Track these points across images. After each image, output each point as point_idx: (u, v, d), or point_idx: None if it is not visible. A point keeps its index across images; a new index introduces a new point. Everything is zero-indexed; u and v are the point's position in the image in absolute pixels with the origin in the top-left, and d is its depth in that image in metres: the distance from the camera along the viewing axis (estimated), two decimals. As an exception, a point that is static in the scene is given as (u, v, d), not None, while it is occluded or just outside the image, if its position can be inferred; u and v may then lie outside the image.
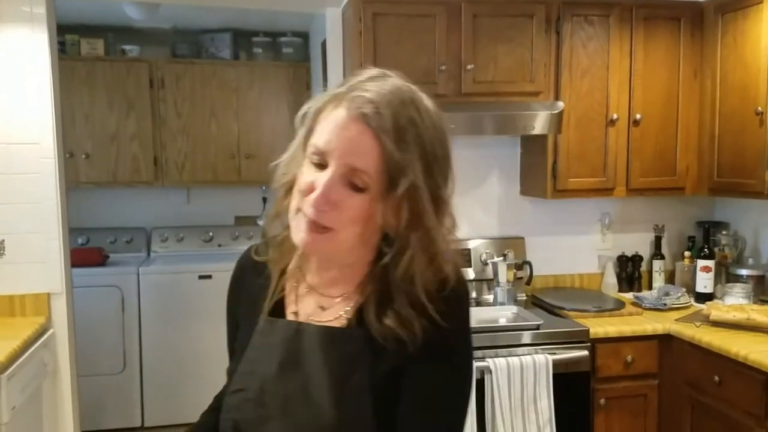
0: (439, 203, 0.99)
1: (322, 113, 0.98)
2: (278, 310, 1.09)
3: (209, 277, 4.07)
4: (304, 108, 1.02)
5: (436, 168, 0.98)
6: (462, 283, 1.03)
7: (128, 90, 4.24)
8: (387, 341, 0.98)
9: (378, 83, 0.97)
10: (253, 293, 1.12)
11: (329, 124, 0.96)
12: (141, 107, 4.26)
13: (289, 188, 1.01)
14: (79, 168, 4.16)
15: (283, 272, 1.11)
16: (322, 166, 0.96)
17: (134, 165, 4.28)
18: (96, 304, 3.89)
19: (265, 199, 4.69)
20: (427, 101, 1.00)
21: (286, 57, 4.57)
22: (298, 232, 0.98)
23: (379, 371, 0.99)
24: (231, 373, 1.11)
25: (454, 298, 1.01)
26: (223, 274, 4.61)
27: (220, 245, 4.52)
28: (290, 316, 1.08)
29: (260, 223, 4.64)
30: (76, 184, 4.02)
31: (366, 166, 0.94)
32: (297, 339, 1.04)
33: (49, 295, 2.81)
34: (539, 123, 2.81)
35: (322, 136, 0.96)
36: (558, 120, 2.82)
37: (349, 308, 1.04)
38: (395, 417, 0.99)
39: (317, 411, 0.99)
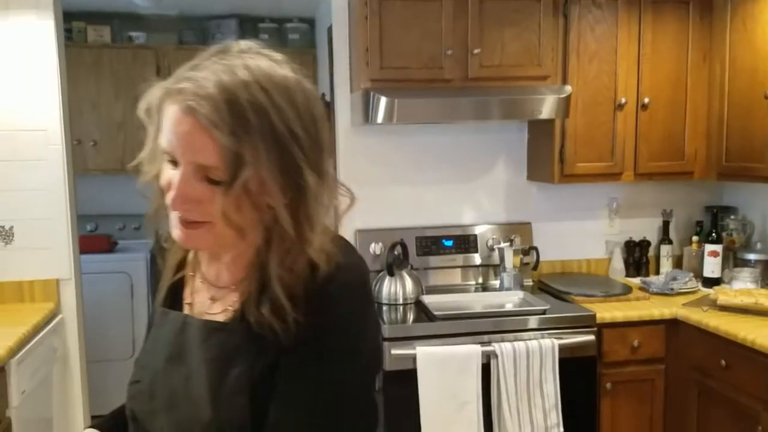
0: (300, 190, 0.91)
1: (162, 108, 0.91)
2: (178, 300, 1.07)
3: (217, 263, 4.08)
4: (146, 102, 0.94)
5: (296, 150, 0.89)
6: (340, 274, 0.94)
7: (135, 77, 4.24)
8: (264, 331, 0.93)
9: (215, 66, 0.89)
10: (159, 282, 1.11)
11: (167, 121, 0.90)
12: (148, 94, 4.26)
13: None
14: (87, 155, 4.18)
15: (182, 262, 1.09)
16: (175, 163, 0.91)
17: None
18: (105, 291, 3.92)
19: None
20: (286, 77, 0.91)
21: (292, 43, 4.55)
22: (174, 228, 0.95)
23: (259, 366, 0.94)
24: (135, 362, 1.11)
25: (327, 292, 0.93)
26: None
27: (227, 232, 4.53)
28: (186, 308, 1.05)
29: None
30: (83, 171, 4.03)
31: (210, 161, 0.87)
32: (183, 332, 1.02)
33: (57, 281, 2.83)
34: (546, 107, 2.79)
35: (165, 135, 0.90)
36: (565, 104, 2.81)
37: (235, 300, 0.99)
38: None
39: (196, 407, 0.96)
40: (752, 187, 3.15)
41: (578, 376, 2.66)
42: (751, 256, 3.00)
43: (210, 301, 1.03)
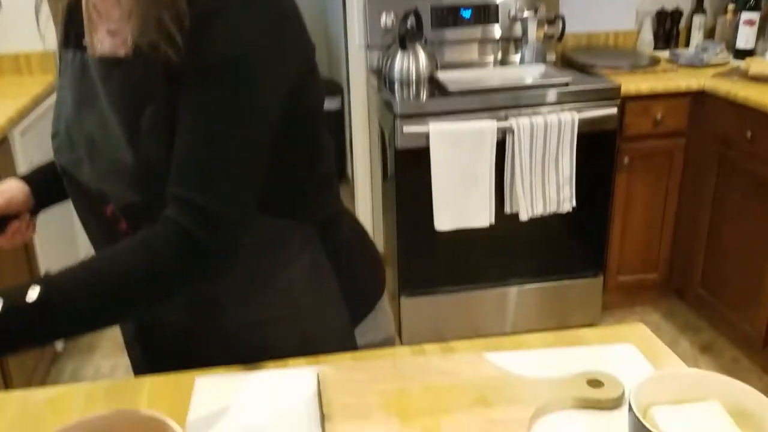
0: None
1: None
2: (81, 41, 0.94)
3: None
4: None
5: None
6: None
7: None
8: (161, 60, 0.82)
9: None
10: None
11: None
12: None
13: None
14: None
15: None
16: None
17: None
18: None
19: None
20: None
21: None
22: None
23: (171, 99, 0.84)
24: None
25: (203, 16, 0.81)
26: None
27: None
28: (88, 48, 0.92)
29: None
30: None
31: None
32: (84, 73, 0.92)
33: (54, 53, 2.68)
34: None
35: None
36: None
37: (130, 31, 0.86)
38: None
39: (116, 151, 0.88)
40: (804, -53, 2.85)
41: (596, 151, 2.59)
42: (791, 26, 2.80)
43: (108, 36, 0.90)
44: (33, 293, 0.77)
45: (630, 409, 0.78)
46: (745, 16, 2.86)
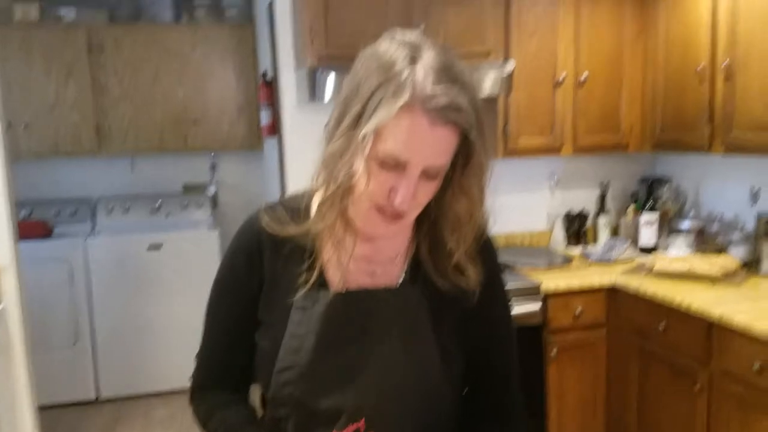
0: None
1: (388, 119, 0.92)
2: (318, 281, 1.07)
3: (158, 247, 4.01)
4: (356, 107, 0.95)
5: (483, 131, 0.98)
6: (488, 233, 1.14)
7: (66, 56, 4.08)
8: (447, 291, 1.06)
9: (441, 73, 0.93)
10: (274, 268, 1.09)
11: (405, 132, 0.92)
12: (80, 74, 4.11)
13: (349, 187, 0.98)
14: (19, 138, 4.01)
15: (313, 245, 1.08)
16: (395, 166, 0.95)
17: (75, 134, 4.14)
18: (43, 278, 3.80)
19: (214, 166, 4.62)
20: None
21: (230, 20, 4.46)
22: (375, 227, 1.02)
23: (443, 324, 1.07)
24: (263, 350, 1.09)
25: (491, 244, 1.14)
26: (173, 243, 4.41)
27: (168, 215, 4.43)
28: (336, 286, 1.07)
29: (210, 190, 4.59)
30: (16, 155, 3.87)
31: (446, 161, 0.97)
32: (349, 306, 1.05)
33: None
34: (489, 84, 2.84)
35: (398, 145, 0.93)
36: (509, 81, 2.86)
37: (398, 269, 1.09)
38: (468, 365, 1.11)
39: (386, 375, 1.03)
40: (684, 158, 3.29)
41: (526, 343, 2.74)
42: (685, 224, 3.13)
43: (368, 274, 1.09)
44: None
45: None
46: (645, 218, 3.21)
